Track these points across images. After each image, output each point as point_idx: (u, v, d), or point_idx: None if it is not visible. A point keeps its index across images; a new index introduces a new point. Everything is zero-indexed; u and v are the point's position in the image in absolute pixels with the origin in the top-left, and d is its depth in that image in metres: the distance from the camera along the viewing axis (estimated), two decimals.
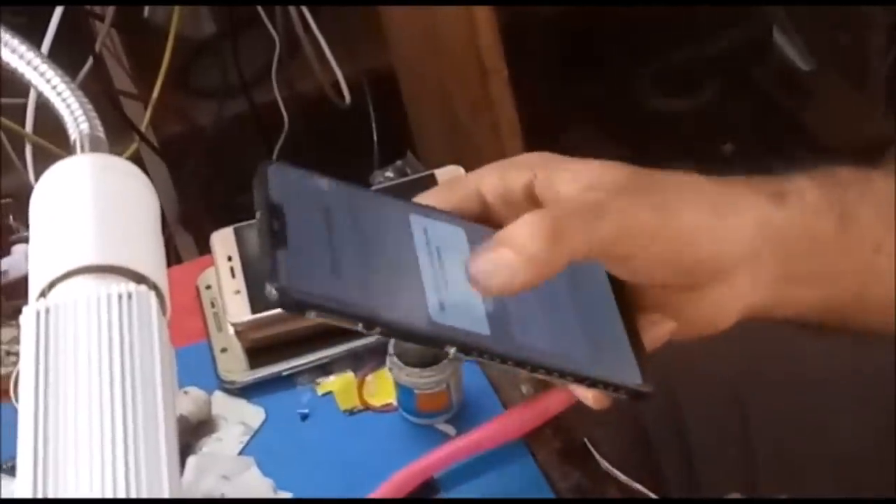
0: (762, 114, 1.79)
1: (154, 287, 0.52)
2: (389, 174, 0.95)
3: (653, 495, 0.78)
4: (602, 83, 1.73)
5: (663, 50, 1.77)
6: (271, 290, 0.52)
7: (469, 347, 0.55)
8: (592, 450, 0.78)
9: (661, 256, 0.58)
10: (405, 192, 0.91)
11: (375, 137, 1.59)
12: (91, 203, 0.53)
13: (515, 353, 0.56)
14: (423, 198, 0.62)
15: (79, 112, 0.59)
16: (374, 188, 0.92)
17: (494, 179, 0.61)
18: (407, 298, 0.55)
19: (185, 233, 1.71)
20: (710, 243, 0.59)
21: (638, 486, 0.80)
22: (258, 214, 0.55)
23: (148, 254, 0.53)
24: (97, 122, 0.60)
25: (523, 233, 0.55)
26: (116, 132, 1.58)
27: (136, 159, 1.65)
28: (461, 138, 1.41)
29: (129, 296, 0.49)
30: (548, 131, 1.43)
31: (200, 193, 1.74)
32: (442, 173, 0.90)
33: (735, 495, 0.90)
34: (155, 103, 1.56)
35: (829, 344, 0.96)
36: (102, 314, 0.49)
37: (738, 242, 0.60)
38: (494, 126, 1.32)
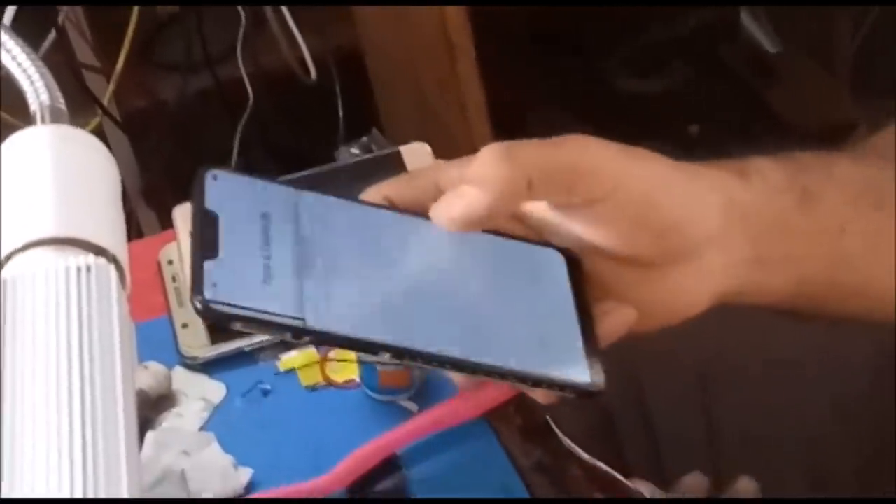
0: (730, 95, 1.79)
1: (114, 260, 0.51)
2: (355, 150, 0.94)
3: (616, 474, 0.78)
4: (570, 63, 1.73)
5: (631, 30, 1.77)
6: (195, 303, 0.52)
7: (401, 353, 0.55)
8: (555, 427, 0.78)
9: (626, 208, 0.57)
10: (370, 168, 0.91)
11: (341, 114, 1.58)
12: (50, 174, 0.52)
13: (452, 357, 0.56)
14: (382, 187, 0.61)
15: (39, 83, 0.58)
16: (336, 165, 0.92)
17: (454, 173, 0.60)
18: (339, 306, 0.55)
19: (148, 208, 1.70)
20: (681, 207, 0.58)
21: (600, 464, 0.80)
22: (191, 222, 0.55)
23: (108, 226, 0.52)
24: (58, 93, 0.59)
25: (476, 162, 0.55)
26: (79, 106, 1.57)
27: (99, 133, 1.62)
28: (428, 116, 1.41)
29: (88, 269, 0.49)
30: (515, 111, 1.43)
31: (163, 169, 1.72)
32: (408, 150, 0.90)
33: (696, 475, 0.90)
34: (118, 77, 1.55)
35: (796, 325, 0.97)
36: (61, 287, 0.48)
37: (708, 216, 0.59)
38: (461, 104, 1.32)
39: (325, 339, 0.55)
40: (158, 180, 1.72)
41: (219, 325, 0.53)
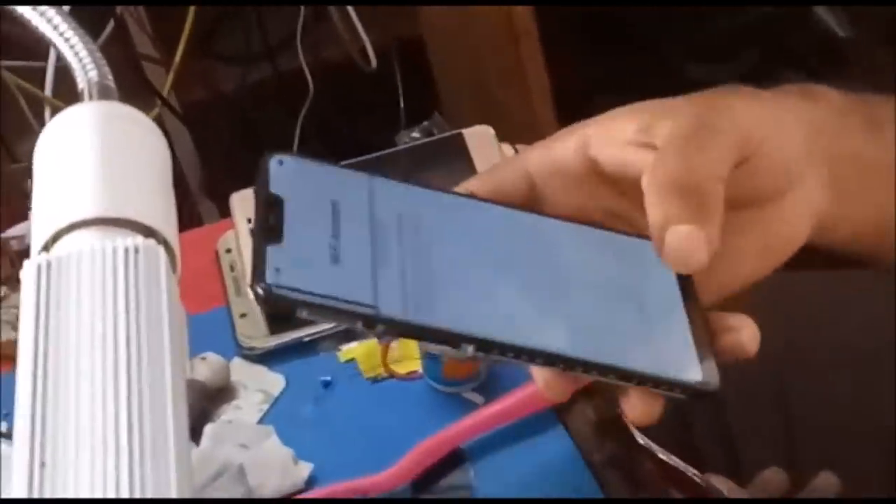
0: (800, 82, 1.74)
1: (163, 242, 0.48)
2: (415, 134, 0.91)
3: (692, 470, 0.74)
4: (635, 49, 1.69)
5: (699, 16, 1.73)
6: (256, 289, 0.48)
7: (485, 345, 0.51)
8: (628, 421, 0.74)
9: (769, 149, 0.55)
10: (432, 152, 0.88)
11: (402, 103, 1.55)
12: (97, 152, 0.50)
13: (544, 350, 0.51)
14: (466, 184, 0.58)
15: (87, 59, 0.56)
16: (397, 149, 0.89)
17: (539, 154, 0.57)
18: (417, 293, 0.51)
19: (208, 199, 1.69)
20: (786, 138, 0.56)
21: (675, 459, 0.77)
22: (255, 209, 0.52)
23: (157, 207, 0.50)
24: (107, 69, 0.57)
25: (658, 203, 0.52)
26: (138, 97, 1.56)
27: (159, 124, 1.62)
28: (490, 104, 1.38)
29: (136, 250, 0.46)
30: (580, 97, 1.39)
31: (223, 160, 1.71)
32: (470, 133, 0.87)
33: (774, 470, 0.87)
34: (178, 68, 1.53)
35: (868, 315, 0.93)
36: (108, 268, 0.45)
37: (797, 141, 0.57)
38: (525, 91, 1.29)
39: (400, 329, 0.51)
40: (218, 172, 1.70)
41: (282, 312, 0.49)
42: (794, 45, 1.81)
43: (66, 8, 1.27)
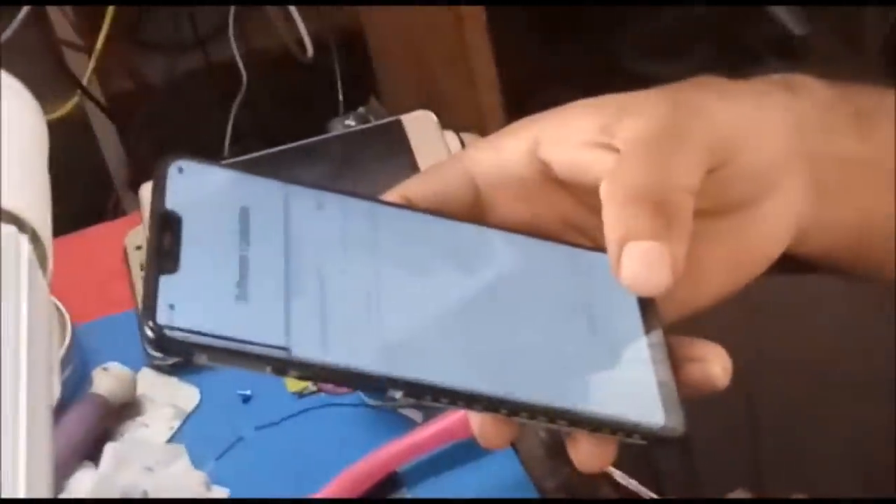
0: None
1: (30, 231, 0.40)
2: (350, 122, 0.83)
3: (651, 494, 0.67)
4: (585, 42, 1.64)
5: (651, 9, 1.68)
6: (145, 330, 0.40)
7: (421, 390, 0.43)
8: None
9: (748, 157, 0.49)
10: (368, 140, 0.80)
11: (341, 94, 1.47)
12: None
13: (484, 394, 0.44)
14: (400, 189, 0.50)
15: None
16: (328, 136, 0.81)
17: (486, 156, 0.50)
18: (337, 330, 0.43)
19: (135, 198, 1.60)
20: (763, 136, 0.50)
21: (634, 482, 0.70)
22: (148, 229, 0.44)
23: (23, 189, 0.41)
24: None
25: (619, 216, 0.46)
26: (57, 85, 1.48)
27: (80, 116, 1.55)
28: (433, 92, 1.31)
29: None
30: (528, 87, 1.33)
31: (151, 154, 1.62)
32: (410, 119, 0.79)
33: (740, 492, 0.80)
34: (101, 56, 1.46)
35: (842, 325, 0.87)
36: None
37: (778, 139, 0.51)
38: (469, 77, 1.22)
39: (316, 373, 0.43)
40: (146, 167, 1.62)
41: (172, 356, 0.42)
42: (749, 41, 1.78)
43: None
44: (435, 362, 0.44)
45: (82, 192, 1.58)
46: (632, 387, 0.45)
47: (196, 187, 0.45)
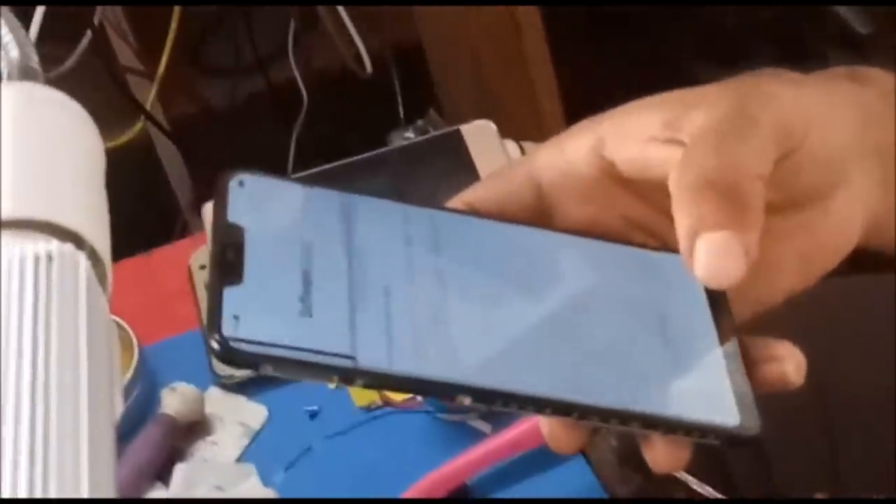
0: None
1: (88, 248, 0.39)
2: (409, 134, 0.83)
3: (728, 500, 0.65)
4: (643, 46, 1.62)
5: (712, 10, 1.66)
6: (210, 342, 0.41)
7: (489, 396, 0.43)
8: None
9: (814, 144, 0.48)
10: (428, 151, 0.79)
11: (401, 108, 1.47)
12: (8, 140, 0.41)
13: (554, 399, 0.43)
14: (463, 196, 0.49)
15: (8, 38, 0.47)
16: (386, 149, 0.80)
17: (548, 157, 0.49)
18: (403, 338, 0.43)
19: (200, 221, 1.61)
20: (834, 125, 0.49)
21: (708, 489, 0.68)
22: (211, 242, 0.44)
23: (80, 207, 0.41)
24: (31, 50, 0.48)
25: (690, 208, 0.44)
26: (121, 111, 1.49)
27: (145, 141, 1.55)
28: (492, 101, 1.31)
29: (50, 257, 0.37)
30: (586, 92, 1.32)
31: (215, 178, 1.63)
32: (470, 129, 0.78)
33: (820, 495, 0.78)
34: (163, 81, 1.47)
35: None
36: (13, 280, 0.36)
37: (847, 130, 0.50)
38: (528, 85, 1.21)
39: (383, 382, 0.43)
40: (210, 189, 1.63)
41: (240, 367, 0.42)
42: (813, 42, 1.75)
43: (36, 17, 1.18)
44: (503, 368, 0.43)
45: (150, 217, 1.59)
46: (705, 387, 0.45)
47: (257, 200, 0.45)
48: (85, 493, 0.33)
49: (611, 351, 0.45)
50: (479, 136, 0.78)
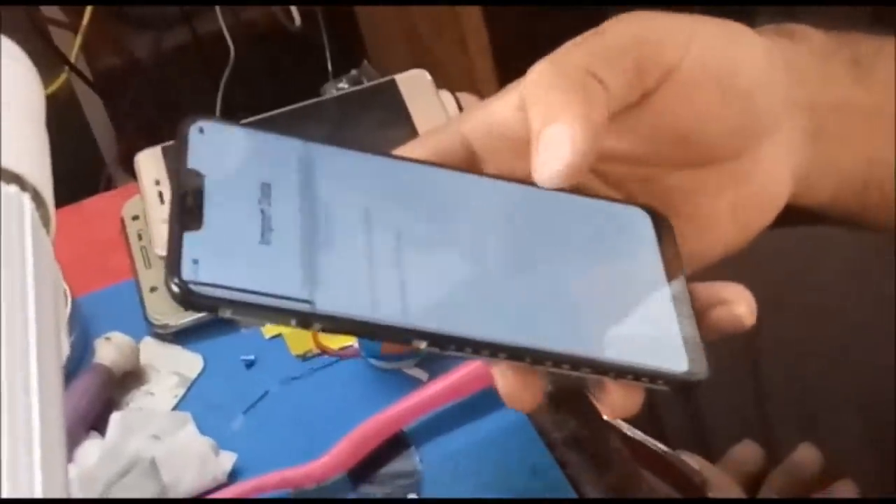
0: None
1: (32, 190, 0.39)
2: (343, 85, 0.82)
3: (663, 447, 0.67)
4: (576, 6, 1.62)
5: None
6: (170, 286, 0.41)
7: (444, 340, 0.43)
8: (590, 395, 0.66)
9: (707, 71, 0.48)
10: (363, 101, 0.79)
11: (330, 62, 1.46)
12: None
13: (505, 344, 0.44)
14: (399, 151, 0.50)
15: None
16: (322, 98, 0.80)
17: (477, 117, 0.50)
18: (358, 282, 0.43)
19: (125, 173, 1.59)
20: (754, 67, 0.49)
21: (640, 434, 0.69)
22: (170, 187, 0.44)
23: (23, 150, 0.40)
24: None
25: (531, 100, 0.45)
26: (44, 63, 1.46)
27: (68, 93, 1.53)
28: (424, 57, 1.30)
29: None
30: (520, 51, 1.32)
31: (140, 130, 1.61)
32: (405, 79, 0.78)
33: (747, 443, 0.80)
34: (87, 33, 1.44)
35: (845, 272, 0.87)
36: None
37: (776, 80, 0.50)
38: (461, 42, 1.20)
39: (340, 326, 0.43)
40: (135, 143, 1.60)
41: (200, 311, 0.43)
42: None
43: None
44: (458, 313, 0.44)
45: (73, 170, 1.57)
46: (655, 333, 0.45)
47: (217, 146, 0.45)
48: (36, 431, 0.33)
49: (562, 297, 0.45)
50: (414, 85, 0.78)
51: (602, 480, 0.64)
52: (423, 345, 0.43)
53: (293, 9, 1.47)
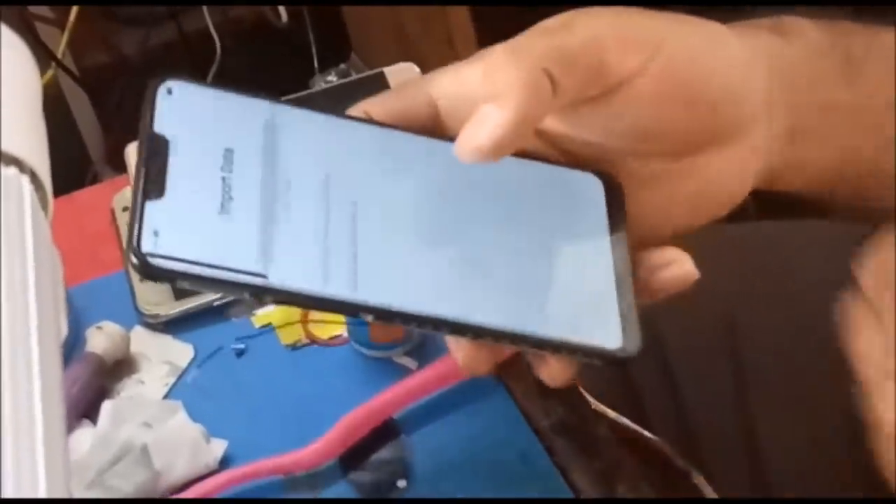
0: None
1: (30, 173, 0.40)
2: (331, 78, 0.83)
3: (649, 434, 0.67)
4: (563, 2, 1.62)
5: None
6: (129, 256, 0.42)
7: (385, 314, 0.44)
8: (577, 383, 0.67)
9: (671, 77, 0.48)
10: (352, 93, 0.80)
11: (316, 58, 1.46)
12: None
13: (448, 319, 0.45)
14: (364, 104, 0.50)
15: None
16: (311, 91, 0.81)
17: (446, 79, 0.50)
18: (311, 256, 0.44)
19: (111, 169, 1.59)
20: (729, 72, 0.49)
21: (626, 421, 0.70)
22: (136, 153, 0.44)
23: (22, 133, 0.41)
24: None
25: (483, 73, 0.46)
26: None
27: (55, 90, 1.53)
28: (410, 52, 1.30)
29: None
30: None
31: (127, 127, 1.61)
32: (393, 72, 0.79)
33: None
34: (75, 29, 1.44)
35: (823, 258, 0.87)
36: None
37: (755, 82, 0.50)
38: (448, 39, 1.21)
39: (292, 300, 0.44)
40: (122, 140, 1.61)
41: (158, 282, 0.43)
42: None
43: None
44: (404, 287, 0.45)
45: (59, 167, 1.57)
46: (593, 310, 0.46)
47: (185, 109, 0.45)
48: (38, 408, 0.34)
49: (508, 270, 0.46)
50: (403, 78, 0.79)
51: (590, 467, 0.65)
52: (369, 318, 0.44)
53: (280, 7, 1.48)
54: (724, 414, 0.83)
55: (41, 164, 0.41)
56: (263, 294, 0.43)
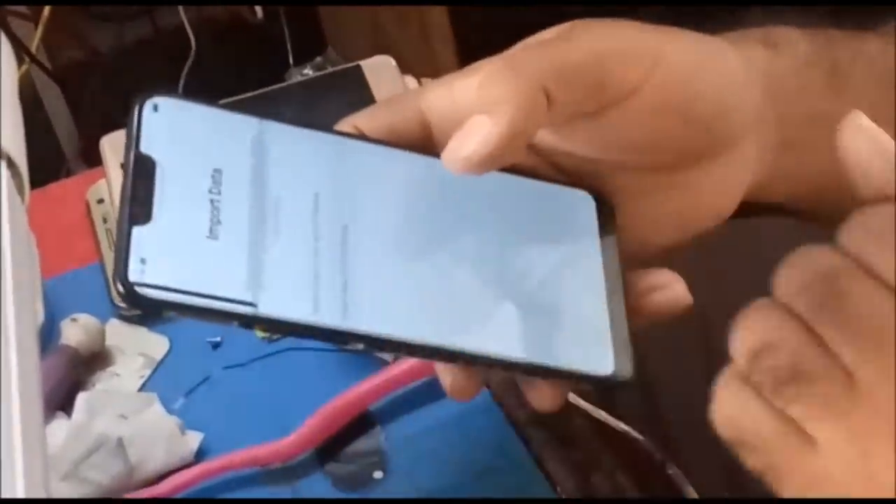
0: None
1: (6, 157, 0.40)
2: (307, 71, 0.83)
3: (625, 426, 0.67)
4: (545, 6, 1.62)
5: None
6: (116, 286, 0.40)
7: (380, 343, 0.44)
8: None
9: (668, 94, 0.47)
10: (328, 86, 0.80)
11: (291, 55, 1.46)
12: None
13: (439, 347, 0.44)
14: (352, 118, 0.50)
15: None
16: (287, 84, 0.80)
17: (437, 94, 0.50)
18: (300, 286, 0.43)
19: (85, 165, 1.59)
20: (726, 87, 0.49)
21: (603, 414, 0.70)
22: (123, 174, 0.43)
23: None
24: None
25: (478, 84, 0.45)
26: None
27: (28, 85, 1.52)
28: (386, 47, 1.30)
29: None
30: (481, 42, 1.32)
31: (101, 123, 1.60)
32: (370, 65, 0.79)
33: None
34: (48, 24, 1.44)
35: (799, 245, 0.88)
36: None
37: (750, 97, 0.50)
38: (423, 31, 1.21)
39: (282, 328, 0.43)
40: (95, 136, 1.60)
41: (148, 314, 0.42)
42: None
43: None
44: (394, 315, 0.44)
45: (32, 162, 1.56)
46: (585, 334, 0.46)
47: (171, 127, 0.43)
48: (15, 392, 0.34)
49: (500, 296, 0.46)
50: (380, 71, 0.78)
51: (566, 457, 0.65)
52: (360, 346, 0.44)
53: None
54: (697, 407, 0.83)
55: (17, 150, 0.41)
56: (253, 323, 0.42)
